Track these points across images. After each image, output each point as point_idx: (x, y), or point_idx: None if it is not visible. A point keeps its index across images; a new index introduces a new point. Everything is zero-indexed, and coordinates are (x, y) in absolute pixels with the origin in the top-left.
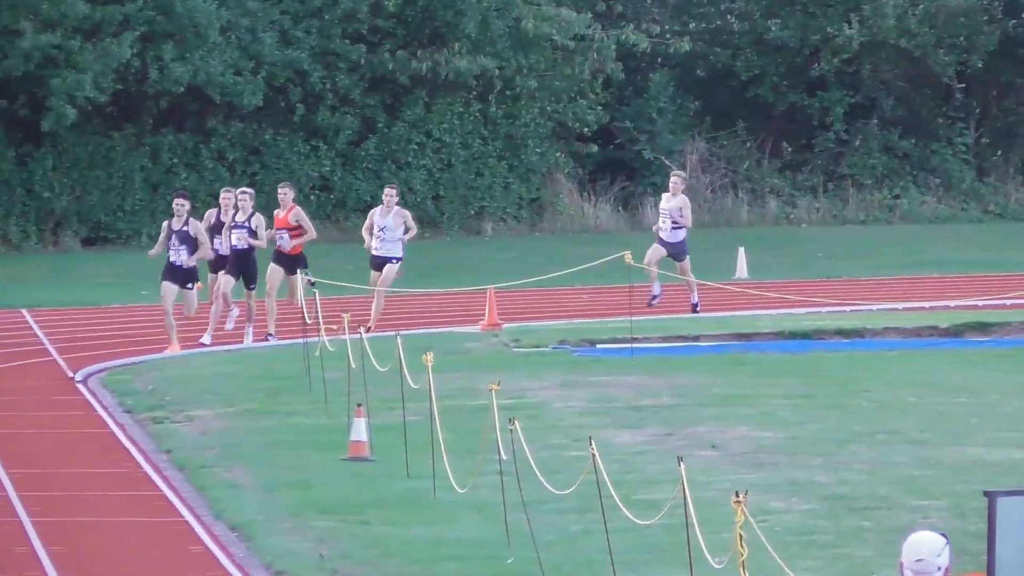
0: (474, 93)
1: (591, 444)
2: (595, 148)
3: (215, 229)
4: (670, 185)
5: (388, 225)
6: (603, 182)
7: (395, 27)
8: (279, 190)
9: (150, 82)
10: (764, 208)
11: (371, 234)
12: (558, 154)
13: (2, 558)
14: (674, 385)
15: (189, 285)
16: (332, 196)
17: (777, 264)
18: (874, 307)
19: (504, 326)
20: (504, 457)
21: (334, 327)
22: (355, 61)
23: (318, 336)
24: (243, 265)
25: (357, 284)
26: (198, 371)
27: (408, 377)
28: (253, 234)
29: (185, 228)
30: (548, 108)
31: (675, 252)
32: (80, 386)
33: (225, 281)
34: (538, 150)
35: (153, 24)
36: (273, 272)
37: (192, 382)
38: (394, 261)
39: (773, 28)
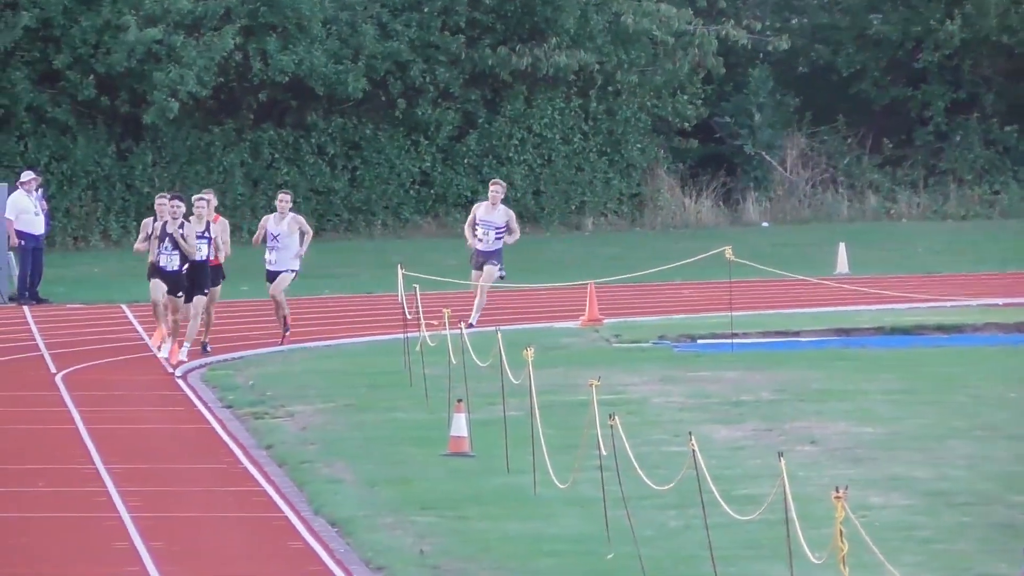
0: (574, 88)
1: (691, 439)
2: (695, 143)
3: (162, 239)
4: (490, 195)
5: (493, 221)
6: (703, 177)
7: (494, 22)
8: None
9: (253, 72)
10: (864, 203)
11: (473, 231)
12: (658, 149)
13: (103, 553)
14: (774, 380)
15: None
16: (432, 191)
17: (877, 259)
18: (974, 303)
19: (604, 321)
20: (604, 453)
21: (434, 323)
22: (455, 54)
23: (418, 332)
24: (197, 275)
25: (457, 280)
26: (298, 366)
27: (508, 372)
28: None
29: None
30: (648, 103)
31: (488, 258)
32: (180, 382)
33: (160, 289)
34: (638, 145)
35: (255, 16)
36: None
37: (292, 377)
38: (494, 263)
39: (875, 23)
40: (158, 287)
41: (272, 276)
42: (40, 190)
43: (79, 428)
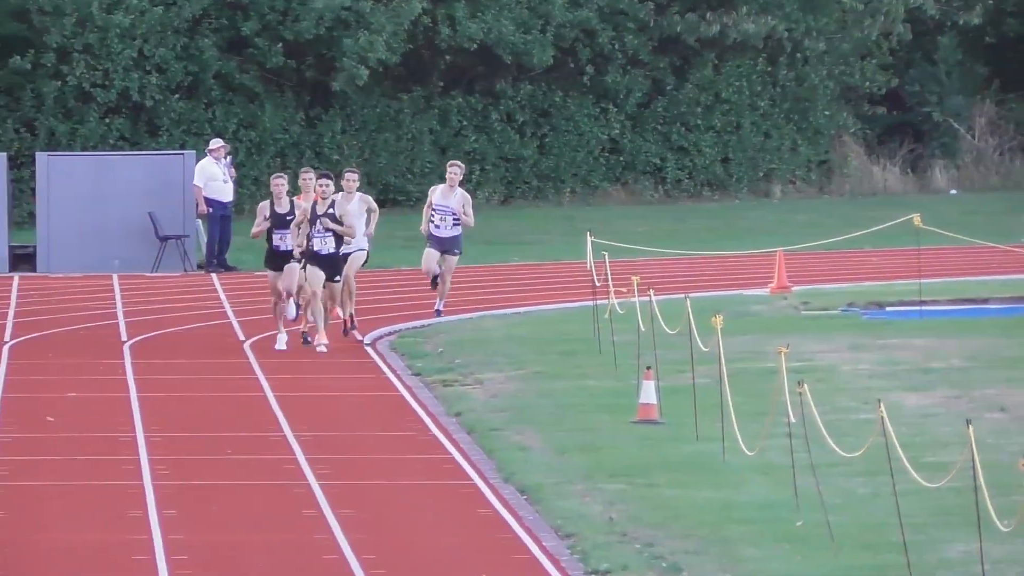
0: (762, 55)
1: (880, 407)
2: (882, 110)
3: (279, 222)
4: (448, 177)
5: (449, 206)
6: (891, 144)
7: None
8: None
9: (441, 38)
10: None
11: (430, 217)
12: (846, 116)
13: (292, 521)
14: (963, 348)
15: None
16: (621, 158)
17: None
18: None
19: (793, 289)
20: (792, 420)
21: (623, 290)
22: (644, 21)
23: (607, 299)
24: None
25: (647, 247)
26: (487, 334)
27: (697, 340)
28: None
29: (332, 210)
30: (836, 70)
31: (450, 247)
32: (369, 349)
33: (318, 279)
34: (826, 112)
35: None
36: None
37: (481, 345)
38: (456, 251)
39: None
40: (316, 276)
41: (343, 257)
42: (228, 158)
43: (267, 395)
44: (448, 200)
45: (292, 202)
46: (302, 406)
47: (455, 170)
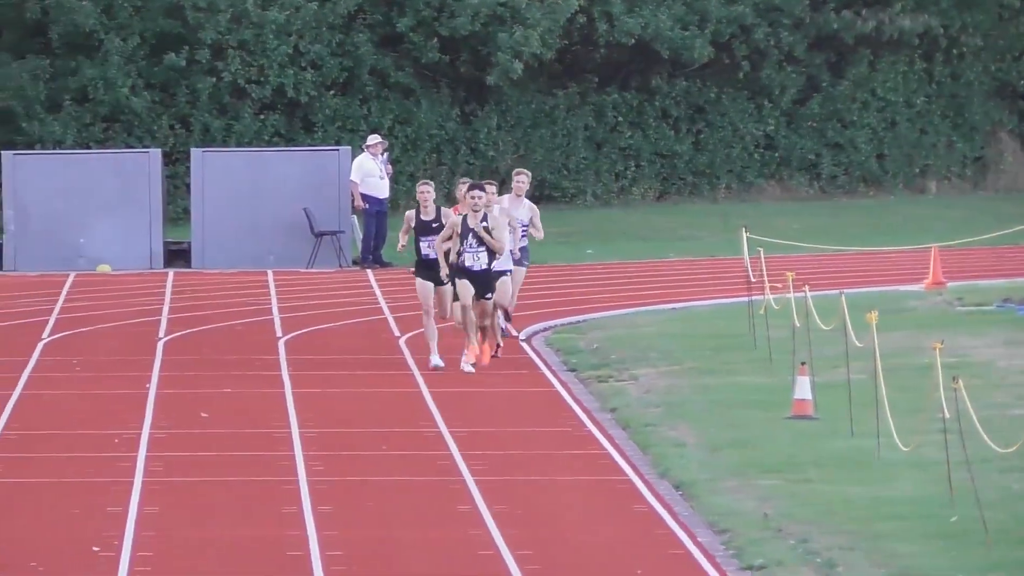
0: (918, 52)
1: None
2: None
3: (425, 229)
4: (514, 185)
5: (517, 216)
6: None
7: None
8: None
9: (598, 34)
10: None
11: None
12: (1002, 112)
13: (447, 516)
14: None
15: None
16: (776, 154)
17: None
18: None
19: (948, 285)
20: (947, 416)
21: (778, 286)
22: (800, 18)
23: (762, 295)
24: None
25: (802, 243)
26: (642, 330)
27: (852, 336)
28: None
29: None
30: (992, 67)
31: (519, 259)
32: (524, 345)
33: (468, 292)
34: (982, 108)
35: None
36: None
37: (636, 340)
38: (524, 264)
39: None
40: (467, 289)
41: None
42: (385, 154)
43: (422, 391)
44: (517, 210)
45: (439, 210)
46: (457, 402)
47: (522, 179)
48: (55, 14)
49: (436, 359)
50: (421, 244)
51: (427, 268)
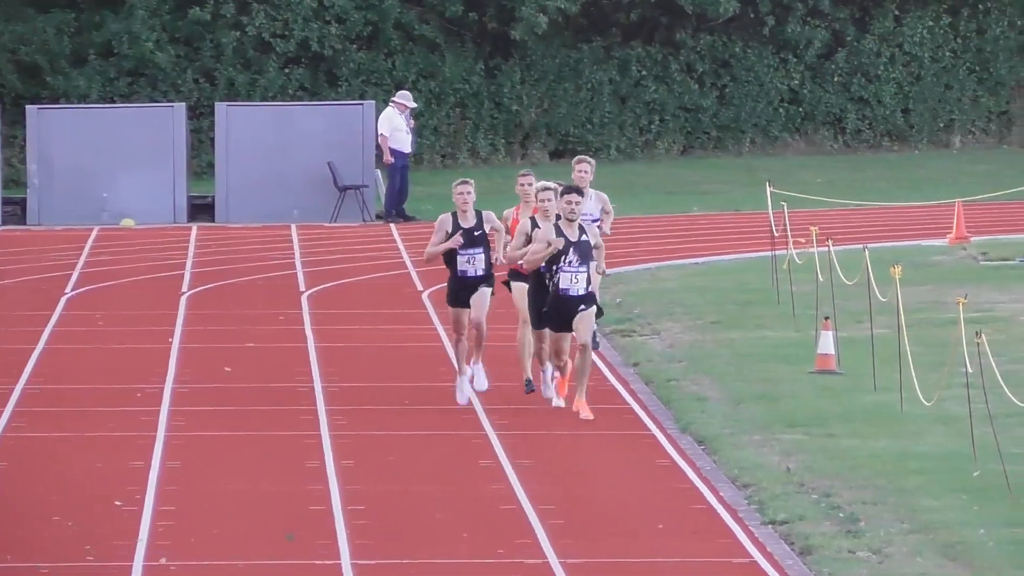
0: (944, 6)
1: None
2: None
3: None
4: (575, 176)
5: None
6: None
7: None
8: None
9: None
10: None
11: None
12: None
13: (469, 471)
14: None
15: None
16: (801, 109)
17: None
18: None
19: (972, 239)
20: (971, 370)
21: (802, 240)
22: None
23: (786, 249)
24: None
25: (826, 198)
26: (666, 284)
27: (876, 290)
28: None
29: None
30: (1018, 21)
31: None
32: None
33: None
34: (1008, 63)
35: None
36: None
37: (660, 295)
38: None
39: None
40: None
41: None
42: (409, 110)
43: (445, 346)
44: (583, 204)
45: (480, 214)
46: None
47: (584, 167)
48: None
49: (480, 380)
50: (459, 259)
51: (465, 290)
